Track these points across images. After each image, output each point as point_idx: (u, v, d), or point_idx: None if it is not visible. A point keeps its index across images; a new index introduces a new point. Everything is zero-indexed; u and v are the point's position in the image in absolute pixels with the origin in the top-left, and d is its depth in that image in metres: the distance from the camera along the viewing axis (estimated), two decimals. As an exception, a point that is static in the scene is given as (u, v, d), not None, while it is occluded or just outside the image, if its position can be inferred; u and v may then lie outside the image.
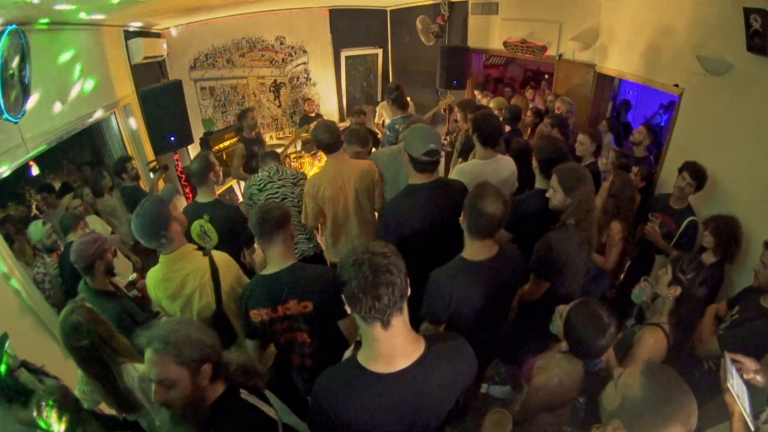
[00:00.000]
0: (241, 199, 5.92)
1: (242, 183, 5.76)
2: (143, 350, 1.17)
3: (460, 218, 1.72)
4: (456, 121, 4.56)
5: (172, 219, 1.82)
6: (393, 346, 1.08)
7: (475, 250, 1.71)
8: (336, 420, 1.13)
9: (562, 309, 1.64)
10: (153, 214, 1.77)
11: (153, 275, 1.89)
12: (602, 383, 1.26)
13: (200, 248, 1.93)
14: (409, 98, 4.56)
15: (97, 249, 2.02)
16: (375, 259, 1.01)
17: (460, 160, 3.45)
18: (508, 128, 3.86)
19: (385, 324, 1.04)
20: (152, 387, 1.15)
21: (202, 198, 2.52)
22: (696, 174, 2.61)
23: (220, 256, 1.90)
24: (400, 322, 1.07)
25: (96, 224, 3.32)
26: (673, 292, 1.81)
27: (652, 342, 1.78)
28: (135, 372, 1.65)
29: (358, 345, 1.18)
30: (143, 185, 4.14)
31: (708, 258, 2.33)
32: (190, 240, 2.09)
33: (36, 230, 2.74)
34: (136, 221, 1.77)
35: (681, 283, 1.79)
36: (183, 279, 1.84)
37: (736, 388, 1.31)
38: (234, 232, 2.47)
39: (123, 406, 1.65)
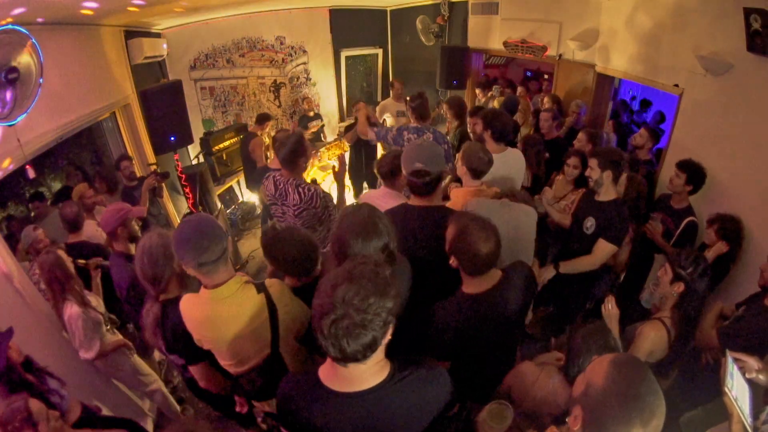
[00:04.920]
0: (241, 199, 5.94)
1: (242, 183, 5.77)
2: None
3: (450, 261, 1.57)
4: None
5: (226, 233, 1.52)
6: (358, 373, 1.06)
7: (474, 284, 1.58)
8: (295, 425, 1.14)
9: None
10: (210, 219, 1.48)
11: (192, 311, 1.54)
12: None
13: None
14: (408, 98, 4.54)
15: (120, 217, 2.26)
16: (351, 314, 0.93)
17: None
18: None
19: (349, 365, 1.00)
20: None
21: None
22: (685, 169, 2.62)
23: (277, 290, 1.57)
24: (369, 362, 1.02)
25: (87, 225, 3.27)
26: (677, 290, 1.84)
27: (653, 335, 1.83)
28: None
29: None
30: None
31: (710, 253, 2.35)
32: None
33: (26, 236, 2.71)
34: (190, 226, 1.43)
35: (683, 278, 1.82)
36: (232, 320, 1.50)
37: (734, 391, 1.31)
38: None
39: None
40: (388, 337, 1.01)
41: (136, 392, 2.79)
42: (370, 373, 1.07)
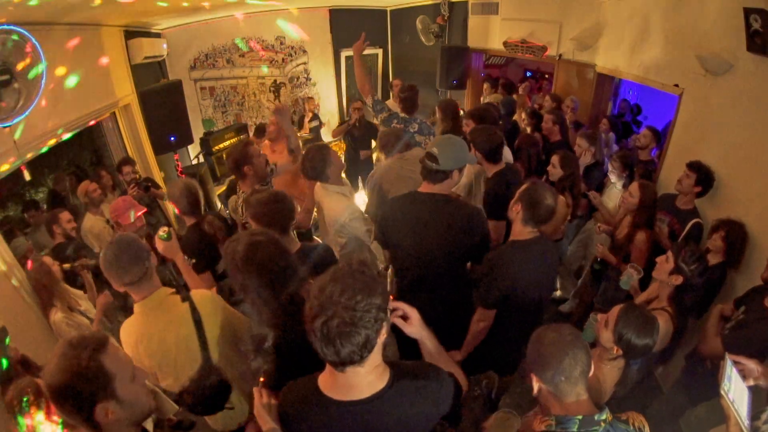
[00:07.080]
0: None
1: (242, 183, 5.77)
2: None
3: (513, 206, 1.90)
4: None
5: (150, 251, 1.60)
6: (357, 380, 1.04)
7: (523, 232, 1.90)
8: None
9: (601, 317, 1.65)
10: (131, 241, 1.57)
11: (130, 328, 1.60)
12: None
13: (177, 291, 1.66)
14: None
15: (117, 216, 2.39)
16: (340, 312, 0.92)
17: None
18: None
19: (347, 369, 1.00)
20: None
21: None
22: (696, 169, 2.58)
23: (202, 298, 1.65)
24: (367, 364, 1.01)
25: (95, 221, 3.30)
26: (674, 281, 1.88)
27: (660, 324, 1.84)
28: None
29: None
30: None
31: (712, 259, 2.32)
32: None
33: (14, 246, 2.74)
34: (112, 249, 1.51)
35: (683, 272, 1.86)
36: (161, 332, 1.58)
37: (731, 393, 1.30)
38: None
39: None
40: (383, 335, 1.00)
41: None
42: (368, 380, 1.05)
